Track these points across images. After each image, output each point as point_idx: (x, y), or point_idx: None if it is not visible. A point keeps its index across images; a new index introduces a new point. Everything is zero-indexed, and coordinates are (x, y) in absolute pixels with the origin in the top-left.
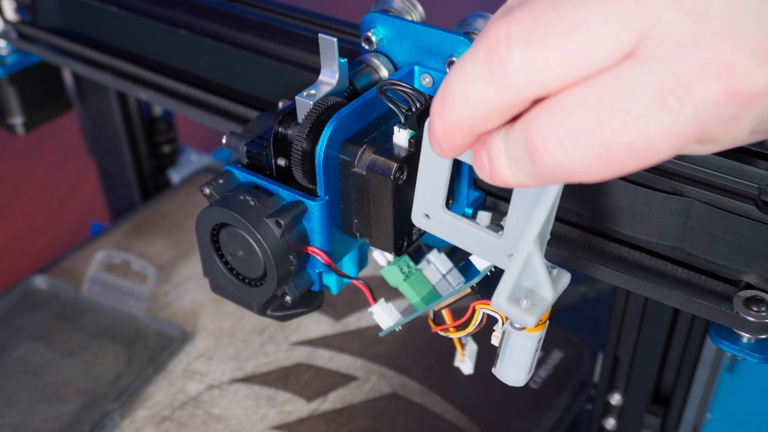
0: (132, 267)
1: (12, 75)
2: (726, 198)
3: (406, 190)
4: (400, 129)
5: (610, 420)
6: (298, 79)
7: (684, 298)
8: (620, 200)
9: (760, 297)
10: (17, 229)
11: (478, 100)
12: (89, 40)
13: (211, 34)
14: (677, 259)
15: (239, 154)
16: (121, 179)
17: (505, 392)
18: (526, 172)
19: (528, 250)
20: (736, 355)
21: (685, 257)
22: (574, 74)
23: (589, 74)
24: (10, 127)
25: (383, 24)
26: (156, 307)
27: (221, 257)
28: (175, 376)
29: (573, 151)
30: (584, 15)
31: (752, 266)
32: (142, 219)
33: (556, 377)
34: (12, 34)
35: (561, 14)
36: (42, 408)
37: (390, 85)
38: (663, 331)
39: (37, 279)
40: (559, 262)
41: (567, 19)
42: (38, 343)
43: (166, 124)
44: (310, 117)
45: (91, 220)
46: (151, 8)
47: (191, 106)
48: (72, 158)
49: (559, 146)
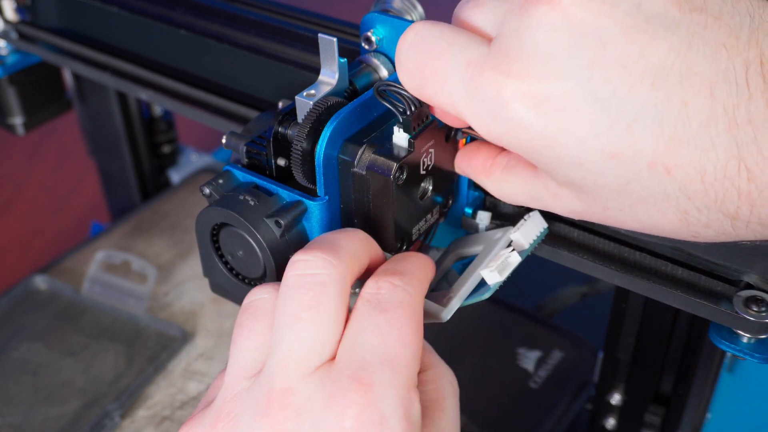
0: (132, 267)
1: (12, 75)
2: None
3: (405, 190)
4: (400, 129)
5: (610, 420)
6: (297, 79)
7: (684, 298)
8: None
9: (760, 297)
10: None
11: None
12: (89, 40)
13: (211, 34)
14: (677, 259)
15: (239, 154)
16: (121, 179)
17: (505, 392)
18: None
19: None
20: (736, 355)
21: (685, 257)
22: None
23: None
24: (10, 127)
25: (383, 24)
26: (156, 307)
27: (221, 257)
28: (175, 376)
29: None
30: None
31: (752, 266)
32: (142, 219)
33: (556, 377)
34: (12, 34)
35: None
36: (42, 408)
37: (386, 86)
38: (663, 331)
39: (37, 279)
40: (559, 261)
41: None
42: (38, 343)
43: (166, 124)
44: (309, 117)
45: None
46: (151, 8)
47: (191, 106)
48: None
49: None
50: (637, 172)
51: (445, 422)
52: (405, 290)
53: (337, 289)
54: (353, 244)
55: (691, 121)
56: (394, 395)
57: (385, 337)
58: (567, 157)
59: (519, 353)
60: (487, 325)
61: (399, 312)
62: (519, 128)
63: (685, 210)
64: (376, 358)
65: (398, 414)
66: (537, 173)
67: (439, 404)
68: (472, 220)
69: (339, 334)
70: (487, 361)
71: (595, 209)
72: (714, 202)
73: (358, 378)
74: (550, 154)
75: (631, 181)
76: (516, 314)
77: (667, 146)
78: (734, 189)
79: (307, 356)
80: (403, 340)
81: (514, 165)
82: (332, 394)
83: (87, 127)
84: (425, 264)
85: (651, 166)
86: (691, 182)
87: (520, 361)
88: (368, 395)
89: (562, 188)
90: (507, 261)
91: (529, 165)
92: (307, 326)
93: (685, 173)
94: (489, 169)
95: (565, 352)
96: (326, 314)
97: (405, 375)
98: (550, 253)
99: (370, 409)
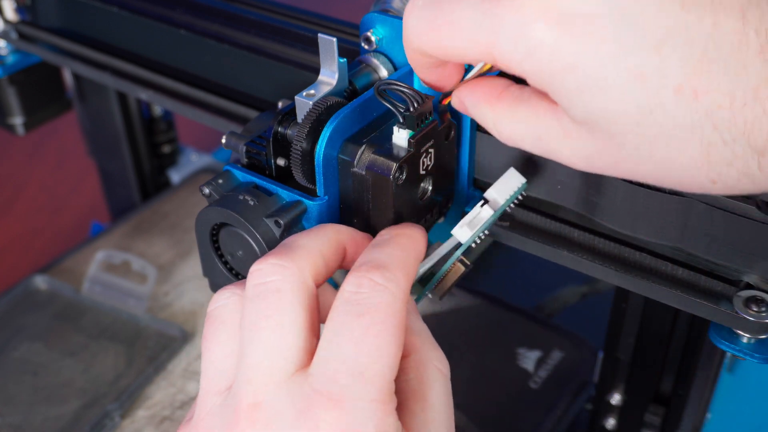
0: (132, 267)
1: (12, 75)
2: (726, 198)
3: (405, 190)
4: (400, 129)
5: (610, 420)
6: (297, 79)
7: (684, 298)
8: (620, 200)
9: (760, 297)
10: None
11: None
12: (89, 40)
13: (211, 34)
14: (677, 259)
15: (239, 153)
16: (121, 179)
17: (505, 392)
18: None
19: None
20: (736, 355)
21: (685, 257)
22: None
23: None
24: (10, 127)
25: (383, 24)
26: (156, 307)
27: (221, 257)
28: (175, 376)
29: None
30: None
31: (752, 266)
32: (142, 219)
33: (556, 377)
34: (12, 34)
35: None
36: (42, 408)
37: (387, 85)
38: (663, 331)
39: (37, 279)
40: (559, 261)
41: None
42: (38, 343)
43: (166, 124)
44: (309, 117)
45: (91, 220)
46: (151, 8)
47: (191, 106)
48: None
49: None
50: (663, 97)
51: (429, 415)
52: (386, 289)
53: (294, 292)
54: (312, 240)
55: (722, 44)
56: (365, 409)
57: (359, 345)
58: (590, 81)
59: (519, 353)
60: (486, 324)
61: (377, 317)
62: (541, 49)
63: (709, 142)
64: (348, 370)
65: (370, 428)
66: (551, 108)
67: (422, 395)
68: None
69: (307, 339)
70: (486, 361)
71: (608, 149)
72: (742, 132)
73: (328, 393)
74: (571, 79)
75: (655, 109)
76: (516, 314)
77: (696, 68)
78: (765, 115)
79: (272, 368)
80: (379, 349)
81: (527, 97)
82: (302, 410)
83: (87, 127)
84: (414, 243)
85: (678, 90)
86: (719, 108)
87: (520, 361)
88: (338, 411)
89: (577, 125)
90: (479, 216)
91: (543, 98)
92: (267, 336)
93: (713, 98)
94: (497, 97)
95: (565, 352)
96: (285, 321)
97: (378, 386)
98: (550, 253)
99: (339, 426)
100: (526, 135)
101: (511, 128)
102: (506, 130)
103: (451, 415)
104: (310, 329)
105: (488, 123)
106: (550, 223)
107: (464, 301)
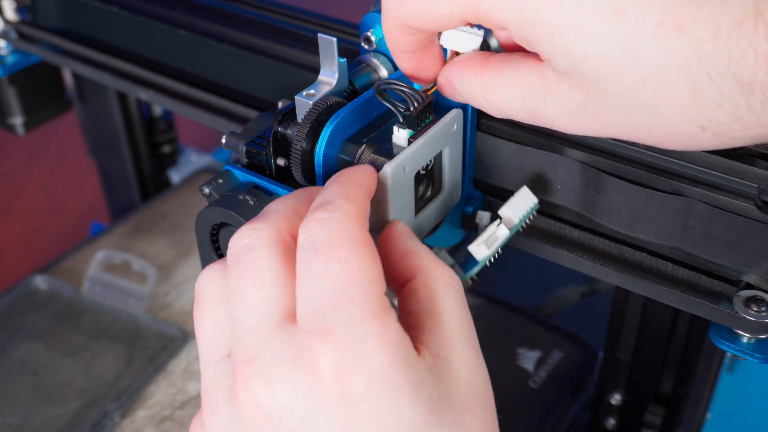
0: (132, 267)
1: (12, 75)
2: (726, 198)
3: None
4: (399, 129)
5: (610, 420)
6: (297, 79)
7: (684, 298)
8: (620, 200)
9: (760, 297)
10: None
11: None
12: (89, 40)
13: (211, 34)
14: (677, 259)
15: (239, 153)
16: (121, 179)
17: (505, 392)
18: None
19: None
20: (736, 355)
21: (685, 257)
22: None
23: None
24: (10, 127)
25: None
26: (156, 307)
27: (221, 257)
28: (175, 376)
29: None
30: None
31: (752, 266)
32: (142, 219)
33: (556, 377)
34: (12, 34)
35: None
36: (42, 408)
37: (387, 84)
38: (663, 331)
39: (37, 279)
40: (559, 261)
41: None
42: (38, 343)
43: (166, 124)
44: (309, 117)
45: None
46: (151, 8)
47: (191, 106)
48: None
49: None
50: (645, 34)
51: (447, 330)
52: (331, 219)
53: (268, 247)
54: (283, 203)
55: None
56: (358, 328)
57: (326, 276)
58: (568, 22)
59: (519, 353)
60: (486, 324)
61: (332, 244)
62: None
63: (696, 80)
64: (326, 300)
65: (370, 345)
66: (535, 65)
67: (435, 312)
68: (472, 220)
69: (289, 290)
70: (486, 360)
71: (593, 100)
72: (727, 66)
73: (316, 329)
74: (550, 22)
75: (638, 47)
76: (516, 314)
77: (676, 1)
78: (751, 48)
79: (258, 322)
80: (349, 270)
81: (511, 60)
82: (296, 354)
83: (87, 127)
84: (353, 174)
85: (659, 24)
86: (703, 42)
87: (520, 361)
88: (332, 341)
89: (560, 77)
90: (495, 235)
91: (528, 57)
92: (247, 293)
93: (696, 31)
94: (483, 65)
95: (565, 352)
96: (262, 275)
97: (363, 303)
98: (550, 253)
99: (337, 354)
100: (513, 98)
101: (499, 94)
102: (494, 97)
103: (471, 328)
104: (292, 281)
105: (477, 93)
106: (550, 223)
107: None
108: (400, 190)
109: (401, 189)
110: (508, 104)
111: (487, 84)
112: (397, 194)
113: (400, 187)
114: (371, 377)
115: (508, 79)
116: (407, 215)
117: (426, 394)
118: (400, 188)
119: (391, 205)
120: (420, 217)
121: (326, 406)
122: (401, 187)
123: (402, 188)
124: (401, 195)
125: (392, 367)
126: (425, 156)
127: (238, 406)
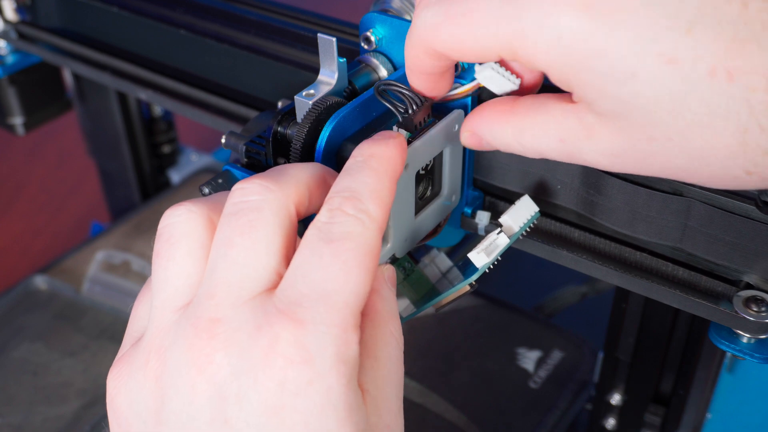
0: (132, 267)
1: (12, 75)
2: (726, 198)
3: None
4: (399, 129)
5: (610, 420)
6: (297, 79)
7: (684, 298)
8: (620, 200)
9: (760, 297)
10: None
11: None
12: (89, 40)
13: (211, 34)
14: (677, 259)
15: (238, 153)
16: (121, 179)
17: (505, 392)
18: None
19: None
20: (736, 355)
21: (685, 257)
22: None
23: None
24: (10, 127)
25: (382, 24)
26: None
27: None
28: None
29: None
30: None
31: (752, 266)
32: (142, 219)
33: (556, 377)
34: (12, 34)
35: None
36: (42, 408)
37: (387, 85)
38: (663, 331)
39: (37, 279)
40: (559, 261)
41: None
42: (38, 343)
43: (166, 124)
44: (309, 116)
45: (91, 220)
46: (151, 8)
47: (191, 106)
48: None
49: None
50: (697, 81)
51: (379, 372)
52: (358, 219)
53: (275, 214)
54: (303, 171)
55: (752, 23)
56: (325, 333)
57: (327, 270)
58: (618, 68)
59: (519, 353)
60: (486, 325)
61: (346, 244)
62: (569, 35)
63: (745, 128)
64: (313, 293)
65: (328, 354)
66: (569, 108)
67: (373, 353)
68: (471, 220)
69: (279, 263)
70: (486, 361)
71: (638, 144)
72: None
73: (290, 313)
74: (599, 67)
75: (688, 94)
76: (516, 314)
77: (729, 49)
78: None
79: (238, 284)
80: (346, 275)
81: (541, 103)
82: (260, 327)
83: (87, 127)
84: (388, 163)
85: (711, 73)
86: (754, 91)
87: (520, 361)
88: (297, 332)
89: (601, 120)
90: (495, 243)
91: (560, 99)
92: (239, 252)
93: (748, 80)
94: (510, 112)
95: (565, 352)
96: (260, 240)
97: (342, 313)
98: (550, 253)
99: (296, 347)
100: (550, 141)
101: (532, 136)
102: (529, 140)
103: (401, 381)
104: (284, 255)
105: (509, 139)
106: (550, 223)
107: (464, 302)
108: (400, 189)
109: (402, 188)
110: (546, 147)
111: (519, 129)
112: (397, 193)
113: (400, 186)
114: (316, 381)
115: (542, 123)
116: (407, 215)
117: (355, 421)
118: (400, 187)
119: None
120: (420, 217)
121: (263, 388)
122: (402, 186)
123: (402, 187)
124: (401, 194)
125: (338, 383)
126: (426, 156)
127: (192, 358)
